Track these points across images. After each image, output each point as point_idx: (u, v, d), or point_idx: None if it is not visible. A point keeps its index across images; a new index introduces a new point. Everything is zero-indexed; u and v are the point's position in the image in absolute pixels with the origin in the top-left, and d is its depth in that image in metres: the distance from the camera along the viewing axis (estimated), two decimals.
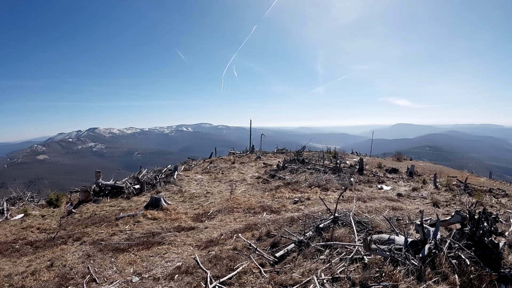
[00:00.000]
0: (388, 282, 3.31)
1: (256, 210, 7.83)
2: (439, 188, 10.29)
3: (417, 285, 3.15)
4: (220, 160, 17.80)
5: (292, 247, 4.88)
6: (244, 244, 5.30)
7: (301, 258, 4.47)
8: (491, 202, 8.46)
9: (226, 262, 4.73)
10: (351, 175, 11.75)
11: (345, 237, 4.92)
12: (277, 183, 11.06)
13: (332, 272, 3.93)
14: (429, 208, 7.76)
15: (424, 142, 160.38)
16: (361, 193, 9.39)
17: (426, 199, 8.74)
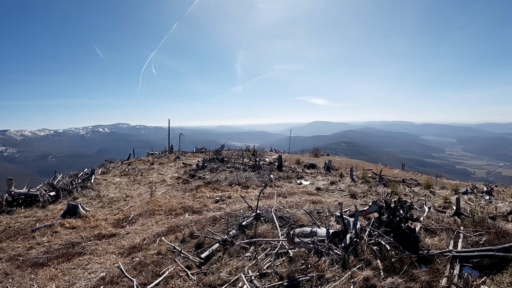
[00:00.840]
0: (314, 273, 7.49)
1: (178, 211, 15.08)
2: (356, 181, 21.94)
3: (343, 273, 7.45)
4: (138, 162, 31.00)
5: (217, 247, 9.64)
6: (168, 248, 10.15)
7: (227, 257, 9.03)
8: (405, 191, 19.40)
9: (151, 268, 8.89)
10: (270, 172, 23.56)
11: (268, 233, 10.34)
12: (197, 182, 21.11)
13: (259, 268, 8.16)
14: (348, 200, 17.15)
15: (340, 138, 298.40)
16: (281, 189, 19.40)
17: (344, 191, 19.02)
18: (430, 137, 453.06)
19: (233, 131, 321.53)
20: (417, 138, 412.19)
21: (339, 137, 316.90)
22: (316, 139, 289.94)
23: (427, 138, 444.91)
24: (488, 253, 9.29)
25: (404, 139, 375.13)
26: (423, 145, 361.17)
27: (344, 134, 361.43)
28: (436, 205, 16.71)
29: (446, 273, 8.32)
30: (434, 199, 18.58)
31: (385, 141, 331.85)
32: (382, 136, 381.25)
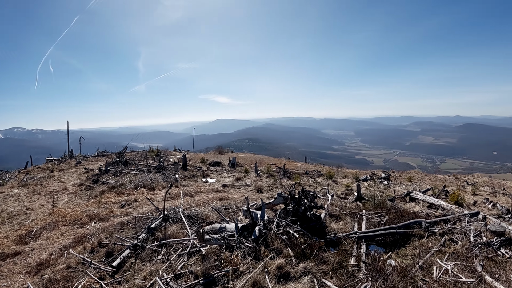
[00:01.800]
0: (229, 267, 7.74)
1: (84, 220, 14.36)
2: (261, 175, 22.70)
3: (256, 264, 7.80)
4: (37, 170, 29.16)
5: (128, 253, 9.28)
6: (77, 260, 9.57)
7: (140, 262, 8.77)
8: (309, 182, 20.57)
9: (63, 283, 8.39)
10: (176, 172, 23.19)
11: (178, 233, 10.26)
12: (101, 188, 20.42)
13: (173, 270, 8.10)
14: (254, 194, 17.70)
15: (244, 135, 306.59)
16: (188, 188, 19.13)
17: (250, 186, 19.63)
18: (330, 131, 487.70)
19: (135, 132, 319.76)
20: (318, 132, 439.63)
21: (243, 134, 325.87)
22: (220, 137, 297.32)
23: (328, 132, 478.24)
24: (390, 231, 10.45)
25: (305, 133, 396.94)
26: (324, 138, 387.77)
27: (247, 131, 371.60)
28: (339, 193, 17.88)
29: (354, 252, 9.05)
30: (337, 188, 19.84)
31: (288, 136, 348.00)
32: (285, 131, 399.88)
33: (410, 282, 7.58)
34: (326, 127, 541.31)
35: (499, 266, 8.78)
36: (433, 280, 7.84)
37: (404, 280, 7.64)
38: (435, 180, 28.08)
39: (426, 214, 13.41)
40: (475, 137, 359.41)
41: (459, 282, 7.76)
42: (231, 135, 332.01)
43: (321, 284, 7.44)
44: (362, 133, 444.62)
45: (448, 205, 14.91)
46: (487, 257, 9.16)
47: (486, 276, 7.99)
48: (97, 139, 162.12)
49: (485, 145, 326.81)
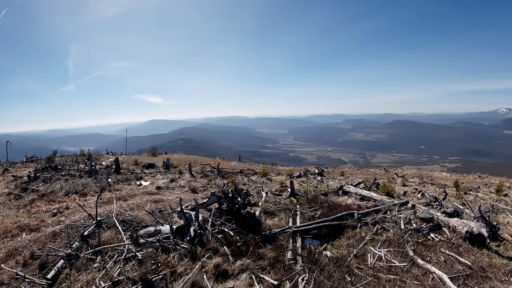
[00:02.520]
0: (166, 270, 7.58)
1: (14, 232, 13.17)
2: (195, 176, 22.53)
3: (193, 265, 7.74)
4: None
5: (63, 263, 8.84)
6: (10, 275, 8.82)
7: (75, 273, 8.36)
8: (243, 181, 20.80)
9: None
10: (108, 176, 22.33)
11: (113, 239, 9.82)
12: (31, 196, 19.12)
13: (110, 277, 7.80)
14: (189, 195, 17.49)
15: (177, 136, 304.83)
16: (121, 192, 18.48)
17: (184, 187, 19.39)
18: (264, 130, 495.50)
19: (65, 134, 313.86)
20: (252, 131, 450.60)
21: (176, 135, 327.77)
22: (153, 138, 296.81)
23: (261, 130, 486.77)
24: (324, 224, 10.77)
25: (239, 133, 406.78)
26: (258, 137, 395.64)
27: (181, 131, 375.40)
28: (273, 190, 18.25)
29: (290, 247, 9.26)
30: (271, 185, 20.16)
31: (222, 136, 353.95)
32: (219, 131, 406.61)
33: (346, 271, 7.91)
34: (260, 126, 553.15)
35: (430, 250, 9.43)
36: (368, 267, 8.24)
37: (340, 269, 7.93)
38: (366, 174, 29.31)
39: (358, 206, 14.05)
40: (404, 133, 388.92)
41: (393, 267, 8.19)
42: (164, 136, 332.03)
43: (260, 280, 7.53)
44: (295, 131, 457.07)
45: (379, 197, 15.63)
46: (417, 242, 9.79)
47: (418, 259, 8.55)
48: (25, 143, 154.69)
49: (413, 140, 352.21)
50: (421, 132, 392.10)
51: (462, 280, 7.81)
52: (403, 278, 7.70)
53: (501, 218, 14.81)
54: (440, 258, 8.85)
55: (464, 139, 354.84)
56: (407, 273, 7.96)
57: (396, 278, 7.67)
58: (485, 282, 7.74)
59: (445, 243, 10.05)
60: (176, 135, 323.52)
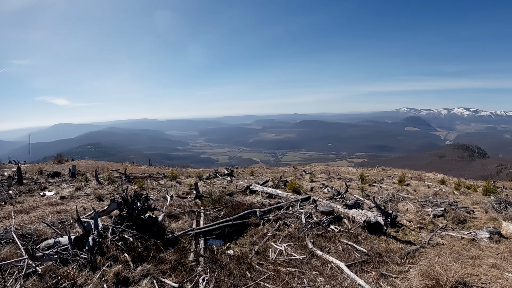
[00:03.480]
0: (66, 282, 7.29)
1: None
2: (102, 183, 21.82)
3: (94, 275, 7.55)
4: None
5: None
6: None
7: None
8: (152, 185, 20.66)
9: None
10: (9, 188, 20.71)
11: (13, 255, 9.14)
12: None
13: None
14: (94, 203, 16.66)
15: (85, 140, 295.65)
16: (23, 204, 17.05)
17: (90, 195, 18.52)
18: (175, 132, 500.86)
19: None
20: (162, 134, 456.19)
21: (84, 140, 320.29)
22: (60, 143, 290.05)
23: (172, 133, 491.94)
24: (227, 223, 10.92)
25: (150, 136, 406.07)
26: (168, 140, 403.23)
27: (89, 135, 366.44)
28: (180, 193, 18.49)
29: (192, 248, 9.36)
30: (180, 188, 20.30)
31: (132, 140, 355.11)
32: (128, 134, 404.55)
33: (247, 267, 8.07)
34: (171, 128, 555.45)
35: (329, 241, 10.00)
36: (269, 262, 8.48)
37: (241, 266, 8.10)
38: (276, 172, 30.17)
39: (261, 204, 14.50)
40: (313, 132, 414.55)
41: (293, 260, 8.55)
42: (72, 141, 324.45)
43: (161, 284, 7.51)
44: (206, 132, 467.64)
45: (285, 194, 16.18)
46: (317, 234, 10.31)
47: (317, 251, 9.00)
48: None
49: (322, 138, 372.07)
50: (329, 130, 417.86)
51: (359, 267, 8.33)
52: (303, 269, 8.02)
53: (400, 206, 15.97)
54: (338, 248, 9.40)
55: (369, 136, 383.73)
56: (307, 264, 8.33)
57: (295, 270, 7.99)
58: (381, 266, 8.35)
59: (345, 233, 10.67)
60: (84, 140, 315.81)
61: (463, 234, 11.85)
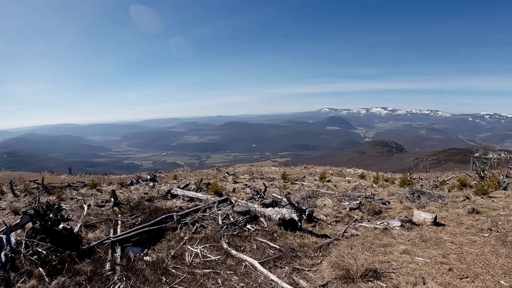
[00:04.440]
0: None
1: None
2: (19, 195, 20.62)
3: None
4: None
5: None
6: None
7: None
8: (71, 195, 19.88)
9: None
10: None
11: None
12: None
13: None
14: (10, 217, 15.75)
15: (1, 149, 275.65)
16: None
17: (5, 209, 17.41)
18: (96, 137, 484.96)
19: None
20: (83, 140, 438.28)
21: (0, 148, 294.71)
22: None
23: (93, 138, 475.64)
24: (144, 230, 10.89)
25: (70, 142, 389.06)
26: (89, 146, 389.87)
27: (5, 143, 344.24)
28: (99, 201, 18.15)
29: (109, 257, 9.30)
30: (101, 196, 19.87)
31: (51, 147, 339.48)
32: (47, 141, 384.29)
33: (163, 272, 8.20)
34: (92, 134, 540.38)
35: (245, 240, 10.31)
36: (185, 265, 8.63)
37: (157, 271, 8.21)
38: (200, 175, 30.39)
39: (179, 208, 14.65)
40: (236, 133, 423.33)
41: (208, 261, 8.80)
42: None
43: None
44: (129, 137, 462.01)
45: (205, 196, 16.45)
46: (233, 234, 10.57)
47: (232, 251, 9.28)
48: None
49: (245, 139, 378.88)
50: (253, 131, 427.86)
51: (273, 263, 8.67)
52: (217, 270, 8.25)
53: (319, 202, 16.57)
54: (253, 246, 9.75)
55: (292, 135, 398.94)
56: (222, 264, 8.57)
57: (211, 271, 8.20)
58: (294, 260, 8.73)
59: (261, 232, 11.02)
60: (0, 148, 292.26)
61: (376, 224, 12.58)
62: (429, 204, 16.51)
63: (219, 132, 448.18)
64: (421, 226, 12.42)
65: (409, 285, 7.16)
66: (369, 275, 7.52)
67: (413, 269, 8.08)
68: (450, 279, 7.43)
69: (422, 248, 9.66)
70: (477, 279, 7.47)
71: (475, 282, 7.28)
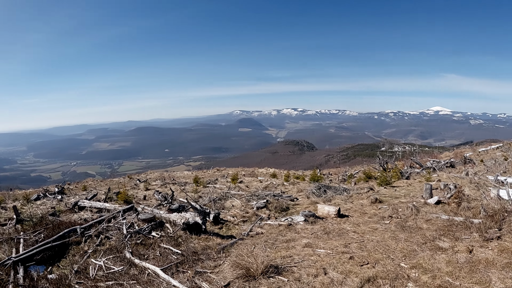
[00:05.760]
0: None
1: None
2: None
3: None
4: None
5: None
6: None
7: None
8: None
9: None
10: None
11: None
12: None
13: None
14: None
15: None
16: None
17: None
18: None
19: None
20: None
21: None
22: None
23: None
24: (46, 246, 10.66)
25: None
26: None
27: None
28: (2, 220, 17.12)
29: (11, 279, 9.01)
30: (5, 214, 18.70)
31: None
32: None
33: None
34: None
35: (149, 248, 10.39)
36: (89, 279, 8.62)
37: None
38: (111, 184, 29.75)
39: (84, 220, 14.34)
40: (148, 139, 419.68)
41: (111, 272, 8.86)
42: None
43: None
44: (35, 147, 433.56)
45: (113, 206, 16.22)
46: (137, 243, 10.61)
47: (135, 260, 9.35)
48: None
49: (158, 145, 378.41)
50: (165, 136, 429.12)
51: (175, 268, 8.88)
52: (121, 281, 8.35)
53: (228, 203, 16.95)
54: (156, 254, 9.90)
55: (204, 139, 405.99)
56: (125, 275, 8.67)
57: (114, 283, 8.31)
58: (197, 264, 8.99)
59: (165, 238, 11.19)
60: None
61: (281, 221, 13.13)
62: (335, 198, 17.47)
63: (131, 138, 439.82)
64: (326, 219, 13.18)
65: (311, 277, 7.58)
66: (270, 271, 7.81)
67: (315, 261, 8.52)
68: (351, 267, 7.99)
69: (324, 240, 10.30)
70: (377, 264, 8.16)
71: (376, 267, 7.94)
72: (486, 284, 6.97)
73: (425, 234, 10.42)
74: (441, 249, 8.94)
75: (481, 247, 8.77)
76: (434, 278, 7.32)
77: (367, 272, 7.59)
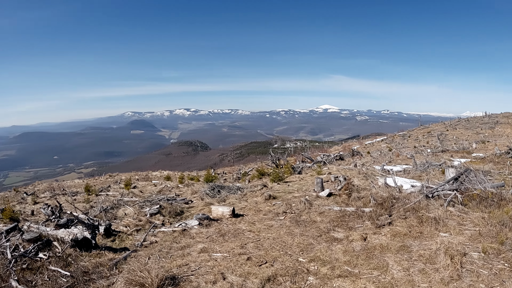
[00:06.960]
0: None
1: None
2: None
3: None
4: None
5: None
6: None
7: None
8: None
9: None
10: None
11: None
12: None
13: None
14: None
15: None
16: None
17: None
18: None
19: None
20: None
21: None
22: None
23: None
24: None
25: None
26: None
27: None
28: None
29: None
30: None
31: None
32: None
33: None
34: None
35: (36, 272, 9.40)
36: None
37: None
38: None
39: None
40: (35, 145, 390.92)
41: None
42: None
43: None
44: None
45: None
46: (23, 268, 9.61)
47: None
48: None
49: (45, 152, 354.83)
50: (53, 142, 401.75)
51: None
52: None
53: (121, 212, 16.19)
54: (45, 278, 9.05)
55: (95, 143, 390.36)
56: None
57: None
58: (88, 285, 8.34)
59: (54, 259, 10.32)
60: None
61: (175, 227, 12.83)
62: (229, 197, 17.52)
63: (16, 146, 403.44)
64: (221, 220, 13.10)
65: (209, 284, 7.41)
66: (167, 283, 7.50)
67: (212, 267, 8.29)
68: (249, 268, 7.95)
69: (220, 243, 10.17)
70: (276, 262, 8.18)
71: (275, 266, 7.96)
72: (384, 269, 7.47)
73: (319, 226, 10.82)
74: (337, 239, 9.33)
75: (375, 234, 9.43)
76: (333, 269, 7.66)
77: (267, 272, 7.63)
